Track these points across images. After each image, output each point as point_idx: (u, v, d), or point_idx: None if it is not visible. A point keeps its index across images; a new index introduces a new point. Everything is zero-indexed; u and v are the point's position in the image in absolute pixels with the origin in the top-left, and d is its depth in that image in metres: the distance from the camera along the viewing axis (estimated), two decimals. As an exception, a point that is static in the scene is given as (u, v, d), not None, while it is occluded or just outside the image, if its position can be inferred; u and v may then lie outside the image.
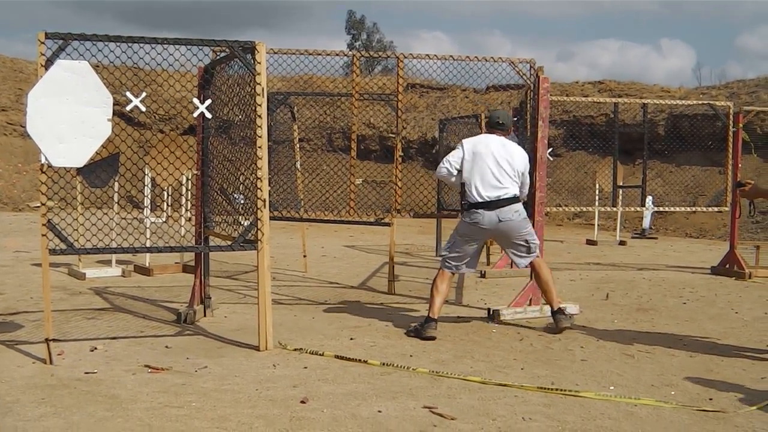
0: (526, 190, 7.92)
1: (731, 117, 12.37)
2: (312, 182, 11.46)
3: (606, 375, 6.05)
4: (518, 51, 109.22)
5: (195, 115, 6.87)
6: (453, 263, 7.77)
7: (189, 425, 4.59)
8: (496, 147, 7.59)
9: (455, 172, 7.63)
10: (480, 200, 7.50)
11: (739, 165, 12.39)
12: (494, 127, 7.83)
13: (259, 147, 6.45)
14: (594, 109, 25.09)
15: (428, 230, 17.75)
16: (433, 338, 7.21)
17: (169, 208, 12.20)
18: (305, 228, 12.35)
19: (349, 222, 9.88)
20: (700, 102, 16.08)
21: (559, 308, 7.79)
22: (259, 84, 6.45)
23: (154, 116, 27.72)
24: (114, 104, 6.11)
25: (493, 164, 7.52)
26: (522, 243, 7.70)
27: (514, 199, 7.59)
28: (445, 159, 7.76)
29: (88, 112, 6.00)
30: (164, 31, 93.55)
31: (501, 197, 7.51)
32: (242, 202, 7.04)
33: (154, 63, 6.52)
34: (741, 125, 12.43)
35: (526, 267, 7.92)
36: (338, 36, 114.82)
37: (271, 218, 9.63)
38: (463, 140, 7.78)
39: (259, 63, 6.46)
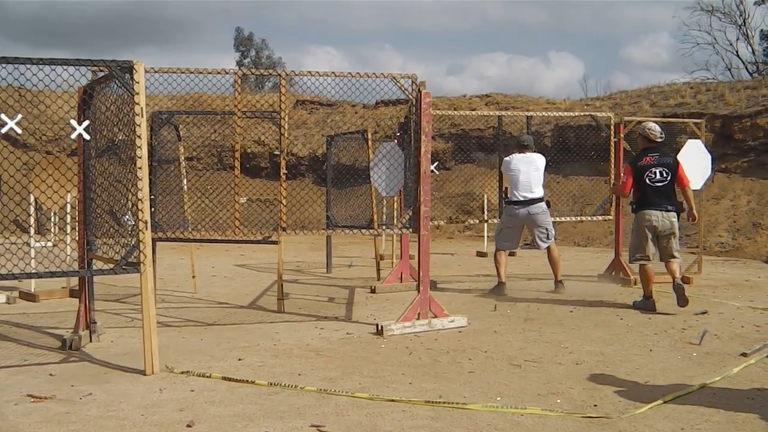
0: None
1: (612, 127, 12.68)
2: (202, 202, 11.31)
3: (493, 386, 6.12)
4: (409, 65, 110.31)
5: (73, 136, 6.69)
6: (503, 244, 11.48)
7: (70, 455, 4.48)
8: (527, 162, 11.24)
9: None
10: (517, 199, 11.17)
11: (621, 174, 12.70)
12: (522, 147, 11.40)
13: (139, 168, 6.30)
14: (482, 122, 25.39)
15: (319, 247, 17.71)
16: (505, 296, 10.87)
17: (56, 231, 11.89)
18: (194, 248, 12.22)
19: (235, 241, 9.80)
20: (583, 113, 16.40)
21: (560, 280, 11.41)
22: (138, 104, 6.30)
23: (42, 138, 27.13)
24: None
25: (525, 175, 11.17)
26: (544, 230, 11.25)
27: (539, 199, 11.21)
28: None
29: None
30: (55, 50, 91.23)
31: (530, 197, 11.14)
32: (133, 223, 6.89)
33: (39, 84, 6.31)
34: (622, 135, 12.76)
35: (544, 249, 11.42)
36: (229, 52, 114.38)
37: (158, 239, 9.58)
38: (510, 157, 11.37)
39: (138, 83, 6.33)
